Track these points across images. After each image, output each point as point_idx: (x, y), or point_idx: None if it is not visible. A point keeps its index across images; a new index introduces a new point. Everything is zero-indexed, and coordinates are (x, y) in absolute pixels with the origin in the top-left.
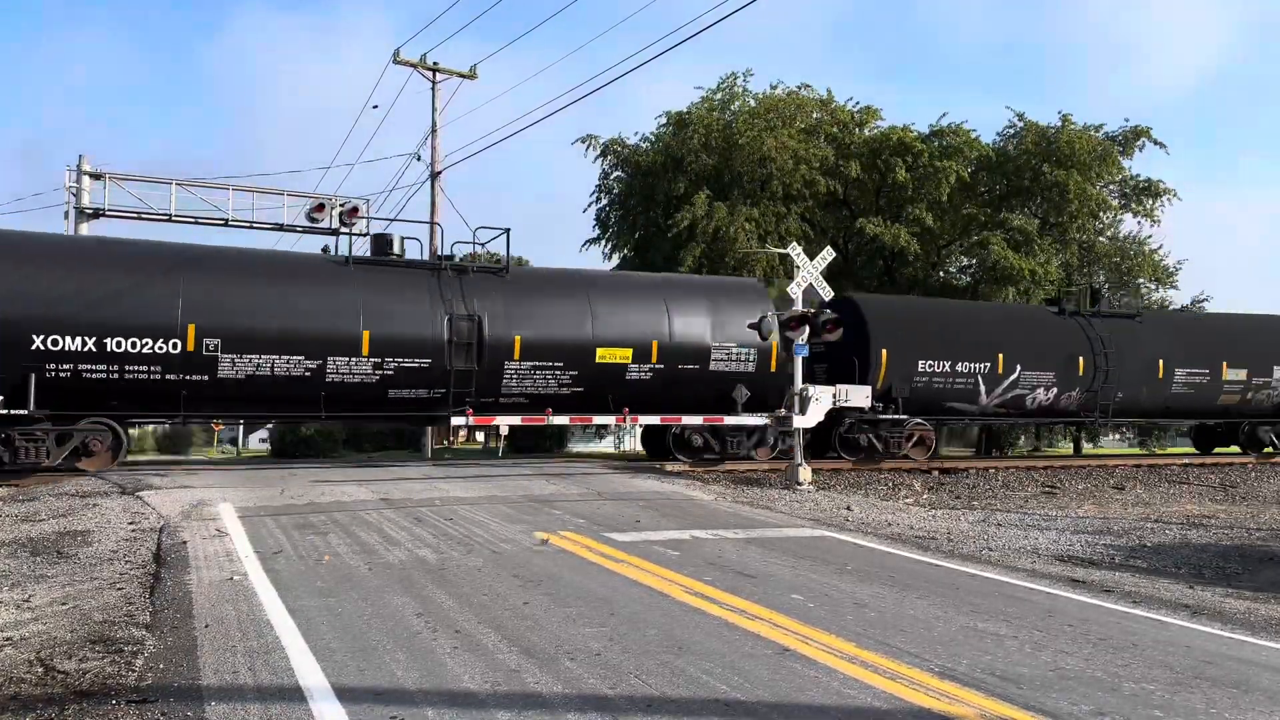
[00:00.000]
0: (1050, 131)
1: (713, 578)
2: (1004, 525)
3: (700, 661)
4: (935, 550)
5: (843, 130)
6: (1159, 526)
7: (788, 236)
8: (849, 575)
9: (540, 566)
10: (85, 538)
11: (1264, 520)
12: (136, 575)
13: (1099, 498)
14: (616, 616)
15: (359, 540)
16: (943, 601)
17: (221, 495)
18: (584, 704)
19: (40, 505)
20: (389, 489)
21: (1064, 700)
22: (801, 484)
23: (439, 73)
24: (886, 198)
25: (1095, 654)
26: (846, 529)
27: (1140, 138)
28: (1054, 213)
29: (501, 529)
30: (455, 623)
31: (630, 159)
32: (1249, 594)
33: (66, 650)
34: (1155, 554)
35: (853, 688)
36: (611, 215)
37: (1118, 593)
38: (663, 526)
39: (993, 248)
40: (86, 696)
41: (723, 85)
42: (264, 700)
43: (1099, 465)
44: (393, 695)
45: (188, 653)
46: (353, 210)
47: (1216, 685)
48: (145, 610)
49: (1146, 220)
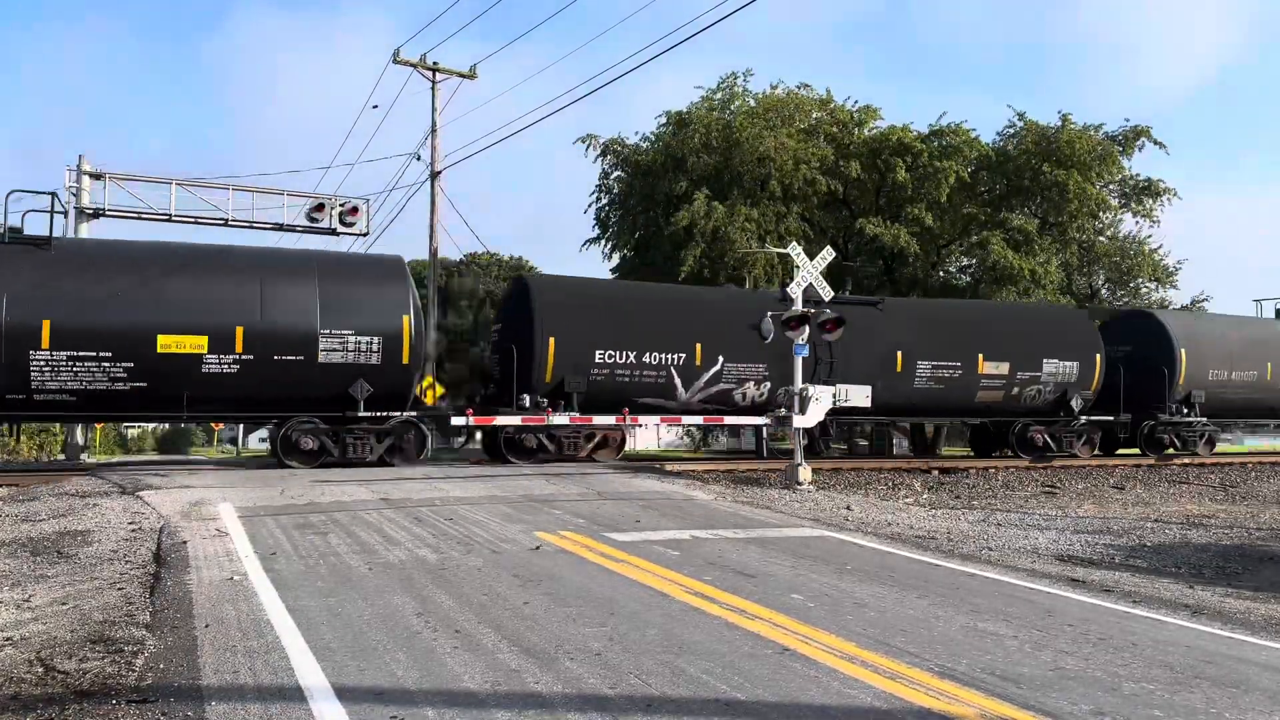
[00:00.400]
0: (1050, 131)
1: (713, 577)
2: (1004, 525)
3: (700, 661)
4: (935, 550)
5: (842, 130)
6: (1159, 526)
7: (787, 236)
8: (849, 575)
9: (540, 566)
10: (85, 537)
11: (1264, 520)
12: (136, 575)
13: (1099, 497)
14: (616, 616)
15: (359, 540)
16: (943, 601)
17: (221, 495)
18: (584, 704)
19: (40, 505)
20: (389, 489)
21: (1064, 700)
22: (801, 484)
23: (439, 72)
24: (886, 197)
25: (1095, 654)
26: (846, 529)
27: (1140, 137)
28: (1054, 212)
29: (501, 529)
30: (455, 622)
31: (630, 159)
32: (1249, 594)
33: (67, 650)
34: (1155, 554)
35: (853, 687)
36: (611, 215)
37: (1117, 592)
38: (662, 526)
39: (992, 248)
40: (87, 696)
41: (722, 85)
42: (264, 700)
43: (1099, 465)
44: (393, 695)
45: (188, 652)
46: (352, 210)
47: (1216, 685)
48: (145, 610)
49: (1146, 220)
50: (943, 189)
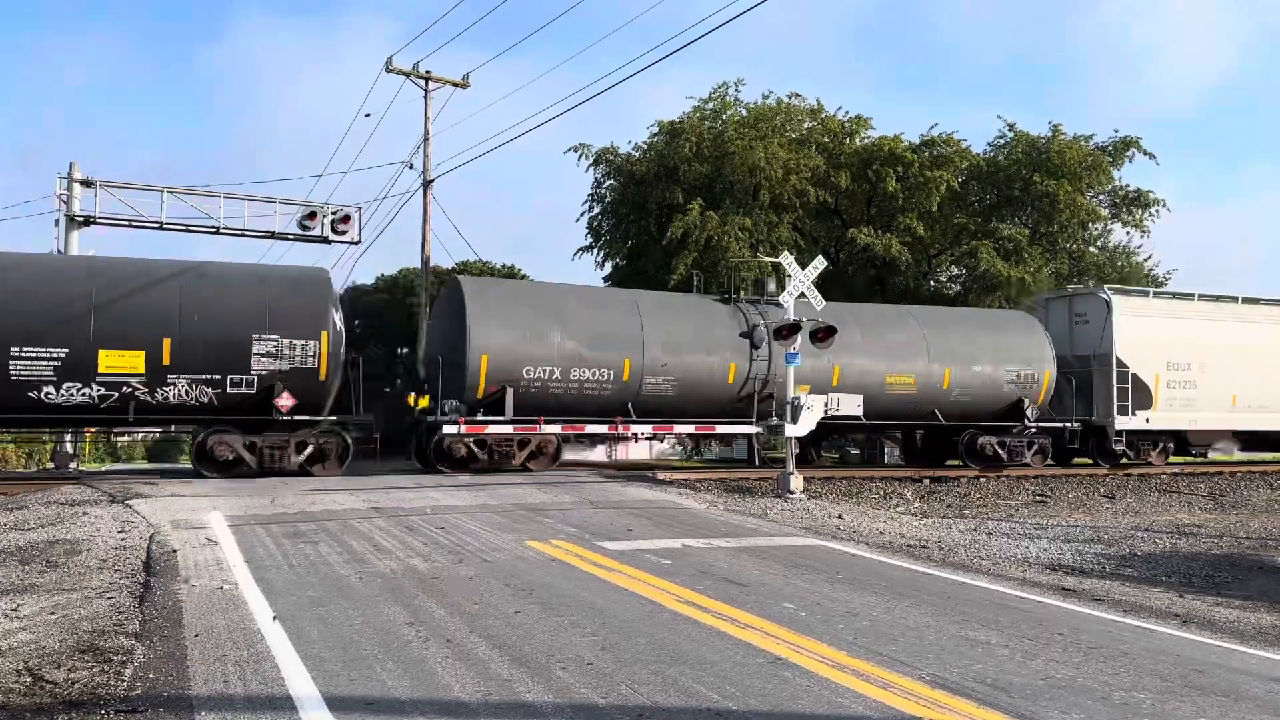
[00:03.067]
0: (1040, 141)
1: (705, 586)
2: (995, 534)
3: (692, 670)
4: (927, 559)
5: (833, 140)
6: (1149, 535)
7: (779, 245)
8: (841, 584)
9: (532, 575)
10: (74, 546)
11: (1253, 529)
12: (126, 584)
13: (1090, 506)
14: (608, 625)
15: (350, 549)
16: (934, 610)
17: (211, 504)
18: (575, 713)
19: (29, 514)
20: (380, 498)
21: (1054, 709)
22: (793, 492)
23: (431, 81)
24: (877, 207)
25: (1086, 662)
26: (838, 537)
27: (1130, 148)
28: (1044, 222)
29: (493, 538)
30: (446, 632)
31: (623, 168)
32: (1238, 603)
33: (55, 660)
34: (1145, 563)
35: (844, 696)
36: (604, 224)
37: (1108, 601)
38: (655, 535)
39: (982, 257)
40: (75, 706)
41: (714, 94)
42: (254, 710)
43: (1089, 474)
44: (383, 705)
45: (177, 662)
46: (345, 218)
47: (1206, 694)
48: (135, 619)
49: (1136, 230)
50: (933, 199)
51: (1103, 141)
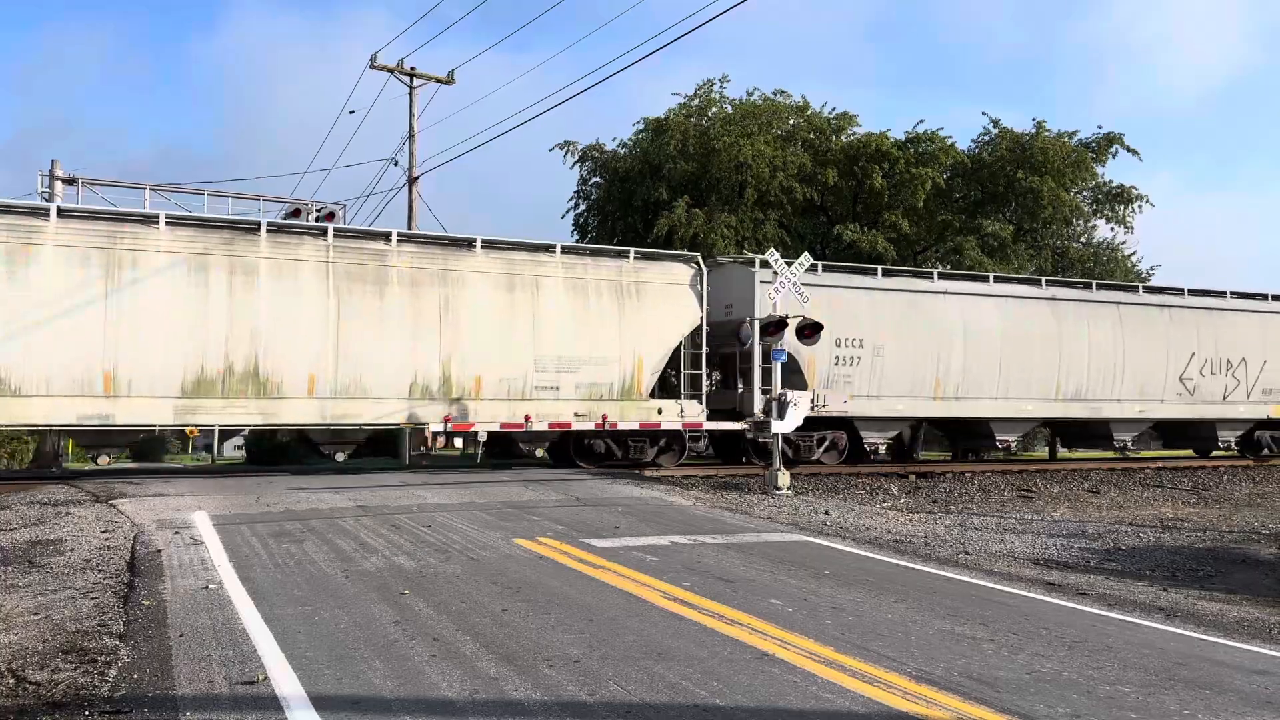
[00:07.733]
0: (1024, 138)
1: (692, 583)
2: (980, 529)
3: (679, 667)
4: (913, 554)
5: (819, 137)
6: (1133, 530)
7: (765, 243)
8: (827, 580)
9: (519, 573)
10: (58, 547)
11: (1235, 523)
12: (110, 585)
13: (1074, 501)
14: (595, 623)
15: (336, 548)
16: (920, 605)
17: (196, 503)
18: (563, 711)
19: (11, 514)
20: (366, 496)
21: (1039, 703)
22: (780, 489)
23: (416, 77)
24: (863, 204)
25: (1071, 656)
26: (824, 533)
27: (1113, 144)
28: (1028, 219)
29: (480, 535)
30: (433, 630)
31: (608, 165)
32: (1221, 596)
33: (39, 661)
34: (1129, 557)
35: (831, 692)
36: (590, 221)
37: (1093, 595)
38: (642, 532)
39: (967, 253)
40: (59, 707)
41: (700, 91)
42: (239, 710)
43: (1074, 469)
44: (370, 704)
45: (162, 662)
46: (329, 215)
47: (1189, 686)
48: (119, 620)
49: (1120, 226)
50: (919, 195)
51: (1086, 138)
